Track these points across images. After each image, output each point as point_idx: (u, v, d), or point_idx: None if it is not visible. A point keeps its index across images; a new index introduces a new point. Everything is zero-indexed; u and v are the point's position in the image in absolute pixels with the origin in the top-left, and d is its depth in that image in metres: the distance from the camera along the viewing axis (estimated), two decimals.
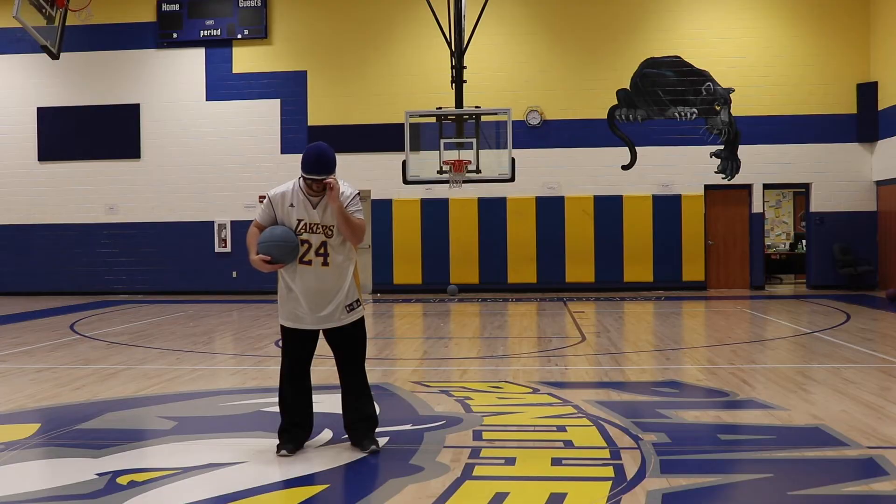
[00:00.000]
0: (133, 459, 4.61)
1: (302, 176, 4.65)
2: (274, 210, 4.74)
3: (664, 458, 4.46)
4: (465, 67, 13.96)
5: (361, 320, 4.86)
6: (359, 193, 4.78)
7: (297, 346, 4.80)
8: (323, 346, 4.82)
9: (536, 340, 9.86)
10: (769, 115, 16.62)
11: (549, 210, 16.78)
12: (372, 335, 10.62)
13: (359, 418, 4.80)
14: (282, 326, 4.83)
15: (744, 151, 16.65)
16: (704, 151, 16.73)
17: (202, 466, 4.43)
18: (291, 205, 4.70)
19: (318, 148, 4.62)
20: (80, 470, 4.39)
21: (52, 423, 5.54)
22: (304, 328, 4.74)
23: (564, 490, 3.97)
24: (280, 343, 5.45)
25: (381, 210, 17.03)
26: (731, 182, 16.71)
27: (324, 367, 6.59)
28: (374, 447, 4.70)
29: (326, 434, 5.08)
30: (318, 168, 4.55)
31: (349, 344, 4.81)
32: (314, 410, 4.91)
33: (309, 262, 4.68)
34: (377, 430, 4.84)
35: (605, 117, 16.85)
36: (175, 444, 4.97)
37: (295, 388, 4.80)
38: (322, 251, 4.69)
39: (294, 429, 4.77)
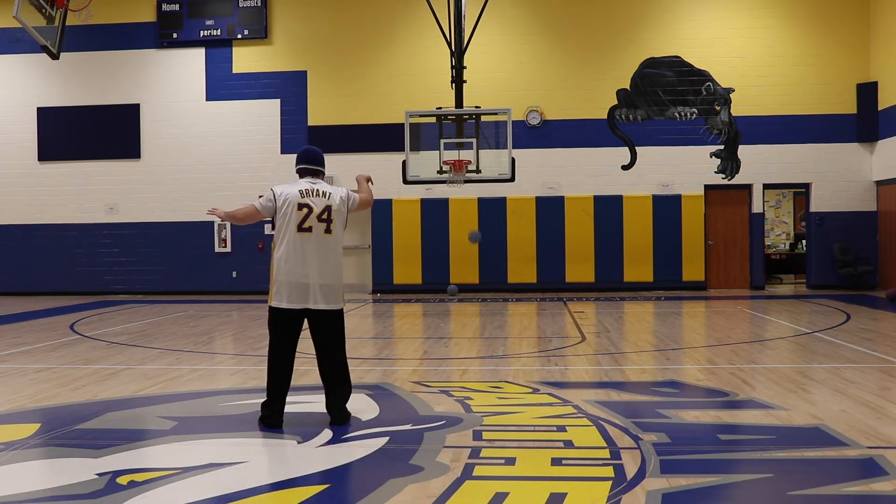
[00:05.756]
0: (133, 459, 4.61)
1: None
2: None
3: (664, 458, 4.46)
4: (465, 67, 13.97)
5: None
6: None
7: None
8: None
9: (536, 340, 9.86)
10: (769, 115, 16.62)
11: (549, 210, 16.78)
12: (372, 335, 10.63)
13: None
14: None
15: (744, 151, 16.66)
16: (704, 151, 16.73)
17: (202, 466, 4.43)
18: None
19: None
20: (80, 470, 4.39)
21: (52, 423, 5.54)
22: None
23: (564, 490, 3.97)
24: None
25: (381, 210, 17.03)
26: (731, 182, 16.72)
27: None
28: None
29: (326, 434, 5.08)
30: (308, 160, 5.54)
31: None
32: (312, 410, 4.94)
33: None
34: (378, 429, 4.84)
35: (605, 117, 16.86)
36: (175, 444, 4.97)
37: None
38: None
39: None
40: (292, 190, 5.31)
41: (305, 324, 5.35)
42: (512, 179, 13.66)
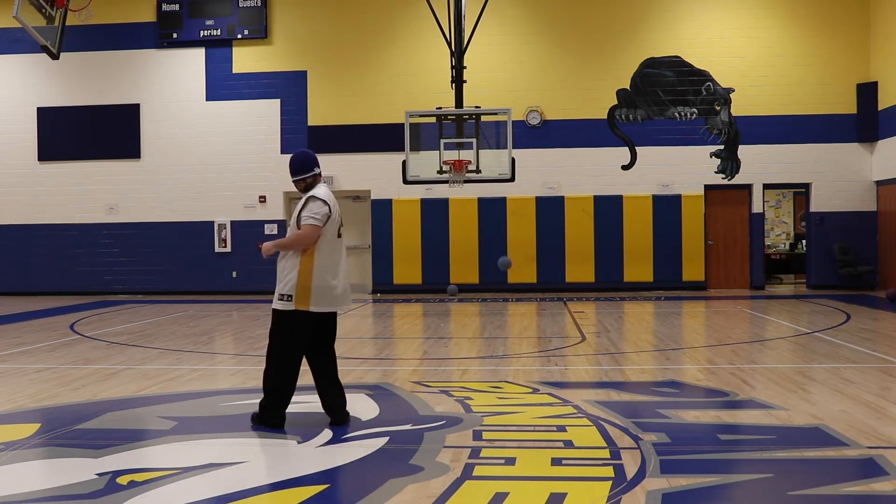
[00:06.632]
0: (133, 459, 4.61)
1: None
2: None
3: (664, 458, 4.47)
4: (465, 67, 13.97)
5: (281, 313, 5.20)
6: (315, 198, 5.22)
7: None
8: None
9: (536, 340, 9.86)
10: (769, 115, 16.62)
11: (549, 210, 16.78)
12: (372, 335, 10.63)
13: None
14: None
15: (744, 151, 16.65)
16: (704, 151, 16.73)
17: (202, 466, 4.43)
18: None
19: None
20: (80, 470, 4.39)
21: (52, 423, 5.54)
22: None
23: (564, 490, 3.97)
24: None
25: (381, 210, 17.03)
26: (731, 182, 16.72)
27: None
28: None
29: (326, 434, 5.08)
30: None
31: (271, 328, 5.34)
32: (312, 410, 4.96)
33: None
34: (378, 429, 4.85)
35: (605, 117, 16.85)
36: (175, 444, 4.97)
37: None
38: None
39: None
40: (328, 195, 5.31)
41: None
42: (512, 179, 13.66)
